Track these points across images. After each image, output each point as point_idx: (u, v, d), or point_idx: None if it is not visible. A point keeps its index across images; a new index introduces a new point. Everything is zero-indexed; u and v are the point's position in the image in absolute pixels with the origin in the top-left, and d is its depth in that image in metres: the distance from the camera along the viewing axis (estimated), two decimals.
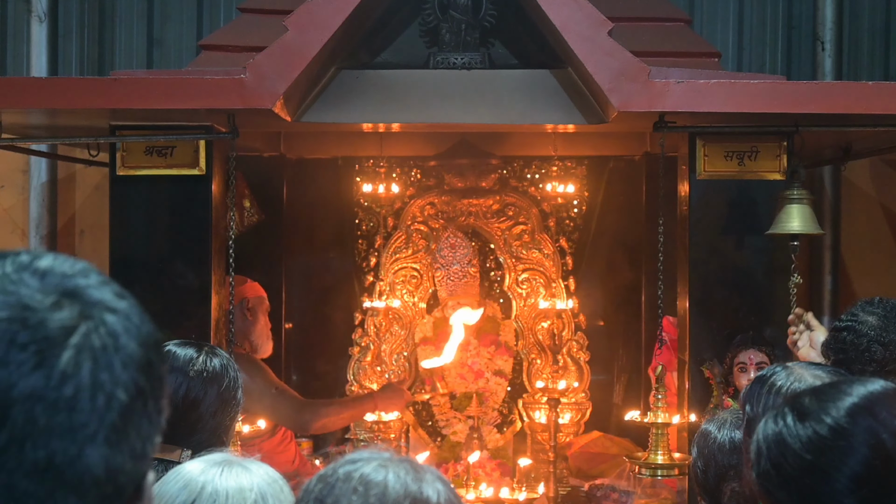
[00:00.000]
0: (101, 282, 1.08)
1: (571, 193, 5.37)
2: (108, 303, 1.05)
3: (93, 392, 1.00)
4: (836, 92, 4.02)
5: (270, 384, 4.63)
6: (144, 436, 1.05)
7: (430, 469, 1.45)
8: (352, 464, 1.41)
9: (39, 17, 5.64)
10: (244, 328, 4.78)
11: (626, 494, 4.78)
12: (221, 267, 4.25)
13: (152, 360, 1.06)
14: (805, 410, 1.62)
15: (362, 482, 1.38)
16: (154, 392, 1.06)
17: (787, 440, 1.60)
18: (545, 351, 5.29)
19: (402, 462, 1.42)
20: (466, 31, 4.31)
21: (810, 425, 1.59)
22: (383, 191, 5.31)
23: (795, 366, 2.21)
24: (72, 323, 1.01)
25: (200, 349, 2.61)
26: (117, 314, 1.05)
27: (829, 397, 1.62)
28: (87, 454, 0.99)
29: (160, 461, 2.45)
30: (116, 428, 1.01)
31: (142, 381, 1.04)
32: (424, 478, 1.40)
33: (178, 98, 3.84)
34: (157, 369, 1.07)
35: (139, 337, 1.06)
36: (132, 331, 1.05)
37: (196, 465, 1.88)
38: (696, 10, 6.00)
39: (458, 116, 4.27)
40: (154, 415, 1.06)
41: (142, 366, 1.04)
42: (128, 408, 1.02)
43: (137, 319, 1.07)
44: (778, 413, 1.65)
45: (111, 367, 1.01)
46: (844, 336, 2.97)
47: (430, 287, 5.35)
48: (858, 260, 5.86)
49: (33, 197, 5.69)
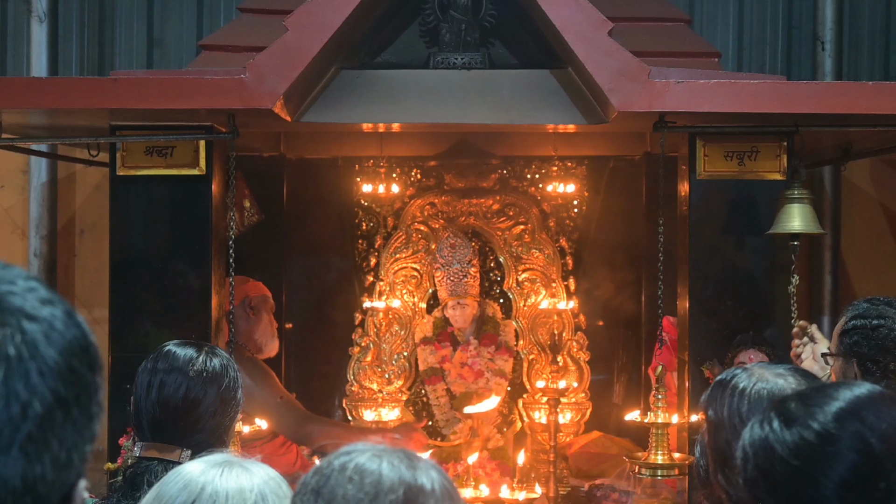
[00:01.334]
0: (27, 288, 1.05)
1: (571, 193, 5.37)
2: (28, 310, 1.03)
3: (6, 402, 0.98)
4: (836, 92, 4.02)
5: (276, 393, 4.63)
6: (69, 445, 1.02)
7: (425, 459, 1.46)
8: (346, 455, 1.43)
9: (39, 17, 5.64)
10: (247, 327, 4.78)
11: (626, 494, 4.78)
12: (221, 267, 4.25)
13: (75, 367, 1.04)
14: (791, 415, 1.60)
15: (357, 471, 1.40)
16: (79, 400, 1.03)
17: (773, 446, 1.59)
18: (545, 351, 5.29)
19: (396, 452, 1.44)
20: (466, 31, 4.31)
21: (797, 430, 1.58)
22: (383, 191, 5.31)
23: (755, 366, 2.19)
24: None
25: (200, 349, 2.61)
26: (38, 322, 1.02)
27: (815, 402, 1.61)
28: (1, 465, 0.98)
29: (160, 461, 2.46)
30: (33, 438, 0.99)
31: (62, 389, 1.01)
32: (418, 466, 1.42)
33: (178, 98, 3.84)
34: (83, 377, 1.05)
35: (61, 345, 1.03)
36: (54, 338, 1.03)
37: (196, 465, 1.88)
38: (696, 10, 6.00)
39: (458, 116, 4.27)
40: (81, 423, 1.04)
41: (62, 374, 1.02)
42: (45, 418, 1.00)
43: (62, 326, 1.04)
44: (764, 418, 1.63)
45: (27, 377, 0.99)
46: (883, 332, 2.97)
47: (430, 287, 5.34)
48: (858, 260, 5.86)
49: (33, 197, 5.69)
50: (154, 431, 2.52)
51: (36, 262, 5.66)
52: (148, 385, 2.54)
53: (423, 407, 5.26)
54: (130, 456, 3.05)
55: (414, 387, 5.30)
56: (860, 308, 3.09)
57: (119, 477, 2.59)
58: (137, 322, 4.23)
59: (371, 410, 5.23)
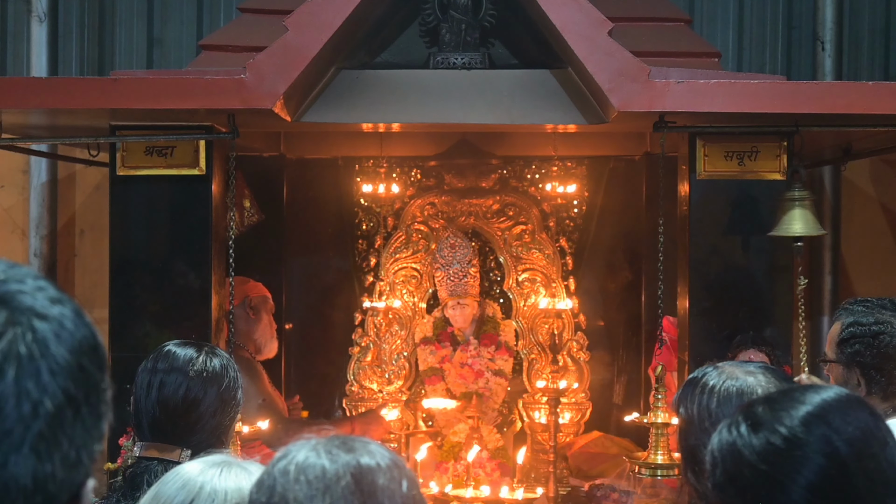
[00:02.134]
0: (36, 287, 1.05)
1: (571, 193, 5.36)
2: (39, 309, 1.03)
3: (17, 400, 0.98)
4: (836, 92, 4.01)
5: (259, 394, 4.62)
6: (79, 444, 1.03)
7: (360, 439, 1.47)
8: (284, 458, 1.44)
9: (39, 17, 5.64)
10: (247, 328, 4.78)
11: (626, 494, 4.78)
12: (221, 267, 4.25)
13: (85, 366, 1.04)
14: (758, 420, 1.60)
15: (300, 471, 1.40)
16: (88, 399, 1.04)
17: (741, 450, 1.58)
18: (545, 351, 5.29)
19: (330, 441, 1.44)
20: (466, 31, 4.31)
21: (764, 435, 1.57)
22: (383, 191, 5.31)
23: (726, 364, 2.19)
24: None
25: (200, 349, 2.61)
26: (48, 320, 1.03)
27: (782, 406, 1.60)
28: (12, 463, 0.98)
29: (160, 461, 2.46)
30: (44, 436, 0.99)
31: (72, 388, 1.02)
32: (355, 447, 1.43)
33: (178, 98, 3.84)
34: (92, 375, 1.05)
35: (71, 343, 1.03)
36: (64, 337, 1.03)
37: (195, 465, 1.88)
38: (696, 10, 6.00)
39: (458, 116, 4.27)
40: (90, 422, 1.04)
41: (72, 373, 1.02)
42: (56, 416, 1.00)
43: (71, 325, 1.05)
44: (732, 423, 1.63)
45: (38, 375, 1.00)
46: (885, 340, 2.96)
47: (430, 287, 5.34)
48: (858, 260, 5.86)
49: (33, 197, 5.69)
50: (154, 431, 2.52)
51: (36, 262, 5.66)
52: (148, 385, 2.54)
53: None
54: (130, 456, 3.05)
55: (414, 387, 5.30)
56: (855, 313, 3.07)
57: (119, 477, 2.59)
58: (137, 322, 4.23)
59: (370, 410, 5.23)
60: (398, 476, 1.42)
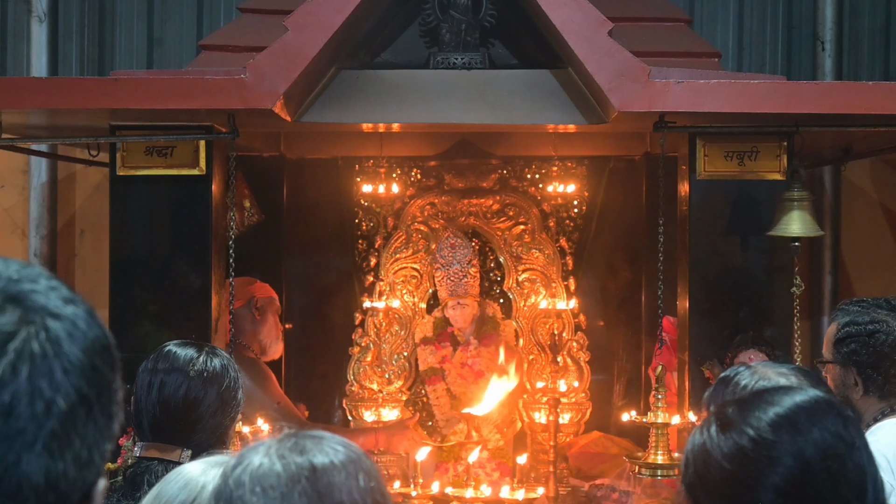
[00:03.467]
0: (49, 287, 1.05)
1: (571, 193, 5.36)
2: (52, 308, 1.03)
3: (31, 399, 0.98)
4: (836, 92, 4.02)
5: (274, 398, 4.63)
6: (91, 443, 1.03)
7: (312, 435, 1.45)
8: (239, 466, 1.42)
9: (39, 17, 5.64)
10: (252, 328, 4.78)
11: (626, 494, 4.78)
12: (221, 267, 4.25)
13: (97, 366, 1.04)
14: (728, 421, 1.59)
15: (255, 482, 1.39)
16: (101, 398, 1.04)
17: (710, 451, 1.58)
18: (545, 351, 5.28)
19: (283, 443, 1.43)
20: (466, 31, 4.31)
21: (731, 436, 1.57)
22: (383, 191, 5.30)
23: (759, 364, 2.19)
24: (12, 328, 1.00)
25: (201, 349, 2.61)
26: (61, 320, 1.03)
27: (751, 408, 1.60)
28: (25, 462, 0.98)
29: (160, 461, 2.46)
30: (56, 435, 0.99)
31: (85, 387, 1.02)
32: (307, 448, 1.42)
33: (178, 98, 3.84)
34: (104, 375, 1.05)
35: (84, 343, 1.04)
36: (77, 336, 1.03)
37: (197, 465, 1.88)
38: (696, 10, 6.00)
39: (458, 116, 4.27)
40: (102, 421, 1.04)
41: (85, 372, 1.02)
42: (69, 415, 1.00)
43: (84, 325, 1.05)
44: (704, 423, 1.63)
45: (51, 374, 1.00)
46: (881, 338, 2.96)
47: (430, 287, 5.34)
48: (858, 260, 5.86)
49: (33, 197, 5.69)
50: (154, 431, 2.52)
51: (36, 262, 5.66)
52: (148, 385, 2.55)
53: (423, 407, 5.26)
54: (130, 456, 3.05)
55: (414, 387, 5.30)
56: (851, 313, 3.07)
57: (119, 477, 2.59)
58: (137, 322, 4.23)
59: (371, 411, 5.23)
60: (354, 471, 1.42)
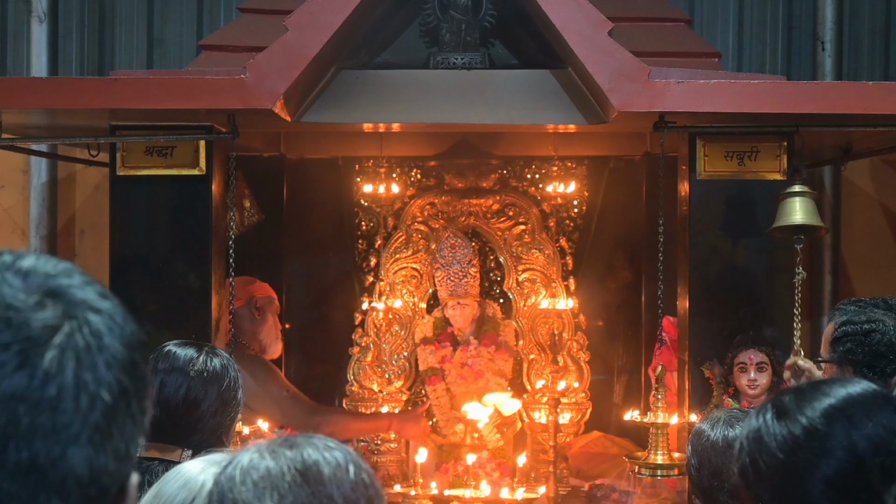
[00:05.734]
0: (84, 282, 1.06)
1: (571, 193, 5.36)
2: (91, 302, 1.04)
3: (76, 392, 0.99)
4: (836, 92, 4.02)
5: (283, 388, 4.65)
6: (128, 437, 1.04)
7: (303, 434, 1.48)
8: (230, 465, 1.45)
9: (39, 17, 5.64)
10: (252, 328, 4.78)
11: (626, 494, 4.78)
12: (221, 267, 4.26)
13: (136, 360, 1.06)
14: (784, 409, 1.61)
15: (245, 474, 1.41)
16: (138, 393, 1.05)
17: (763, 437, 1.60)
18: (545, 351, 5.28)
19: (273, 441, 1.46)
20: (466, 31, 4.31)
21: (785, 424, 1.59)
22: (383, 191, 5.31)
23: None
24: (55, 322, 1.00)
25: (201, 349, 2.61)
26: (101, 314, 1.04)
27: (807, 397, 1.61)
28: (70, 455, 0.99)
29: (160, 461, 2.46)
30: (100, 429, 1.00)
31: (126, 381, 1.03)
32: (297, 443, 1.44)
33: (178, 98, 3.84)
34: (141, 370, 1.07)
35: (123, 337, 1.05)
36: (116, 331, 1.04)
37: (196, 464, 1.88)
38: (696, 10, 6.00)
39: (458, 116, 4.27)
40: (138, 416, 1.05)
41: (126, 366, 1.04)
42: (111, 408, 1.01)
43: (121, 320, 1.06)
44: (761, 409, 1.65)
45: (95, 367, 1.01)
46: (876, 338, 2.96)
47: (430, 287, 5.34)
48: (858, 260, 5.86)
49: (33, 197, 5.69)
50: (154, 431, 2.52)
51: None
52: None
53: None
54: None
55: (414, 387, 5.30)
56: (848, 312, 3.08)
57: None
58: (137, 322, 4.21)
59: (371, 411, 5.23)
60: (344, 463, 1.43)
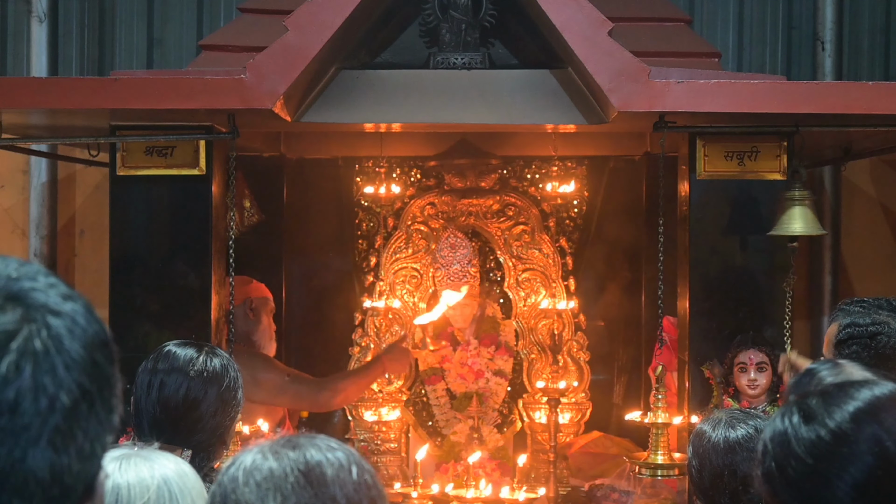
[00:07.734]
0: (48, 284, 1.07)
1: (571, 193, 5.36)
2: (52, 306, 1.05)
3: (35, 395, 1.00)
4: (836, 92, 4.02)
5: (283, 373, 4.65)
6: (93, 436, 1.05)
7: (306, 436, 1.48)
8: (233, 465, 1.46)
9: (39, 17, 5.64)
10: (246, 328, 4.78)
11: (626, 494, 4.78)
12: (221, 267, 4.25)
13: (98, 361, 1.06)
14: (811, 412, 1.57)
15: (248, 475, 1.42)
16: (101, 393, 1.06)
17: (790, 441, 1.56)
18: (545, 351, 5.28)
19: (276, 442, 1.47)
20: (466, 31, 4.31)
21: (814, 428, 1.54)
22: (383, 191, 5.30)
23: (846, 364, 2.16)
24: (14, 327, 1.01)
25: (201, 349, 2.61)
26: (61, 317, 1.05)
27: (835, 400, 1.57)
28: (30, 457, 1.00)
29: None
30: (61, 430, 1.01)
31: (87, 382, 1.04)
32: (300, 444, 1.45)
33: (178, 98, 3.84)
34: (104, 370, 1.07)
35: (84, 339, 1.06)
36: (77, 333, 1.05)
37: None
38: (696, 10, 6.00)
39: (458, 116, 4.27)
40: (103, 415, 1.07)
41: (86, 367, 1.04)
42: (72, 410, 1.02)
43: (83, 321, 1.07)
44: (786, 411, 1.60)
45: (54, 370, 1.02)
46: (882, 340, 2.94)
47: (430, 287, 5.34)
48: (858, 260, 5.86)
49: (33, 197, 5.69)
50: (154, 431, 2.52)
51: (36, 262, 5.63)
52: (148, 385, 2.55)
53: (423, 407, 5.27)
54: None
55: (414, 387, 5.30)
56: (852, 314, 3.05)
57: None
58: (137, 322, 4.23)
59: (371, 411, 5.23)
60: (347, 464, 1.44)
